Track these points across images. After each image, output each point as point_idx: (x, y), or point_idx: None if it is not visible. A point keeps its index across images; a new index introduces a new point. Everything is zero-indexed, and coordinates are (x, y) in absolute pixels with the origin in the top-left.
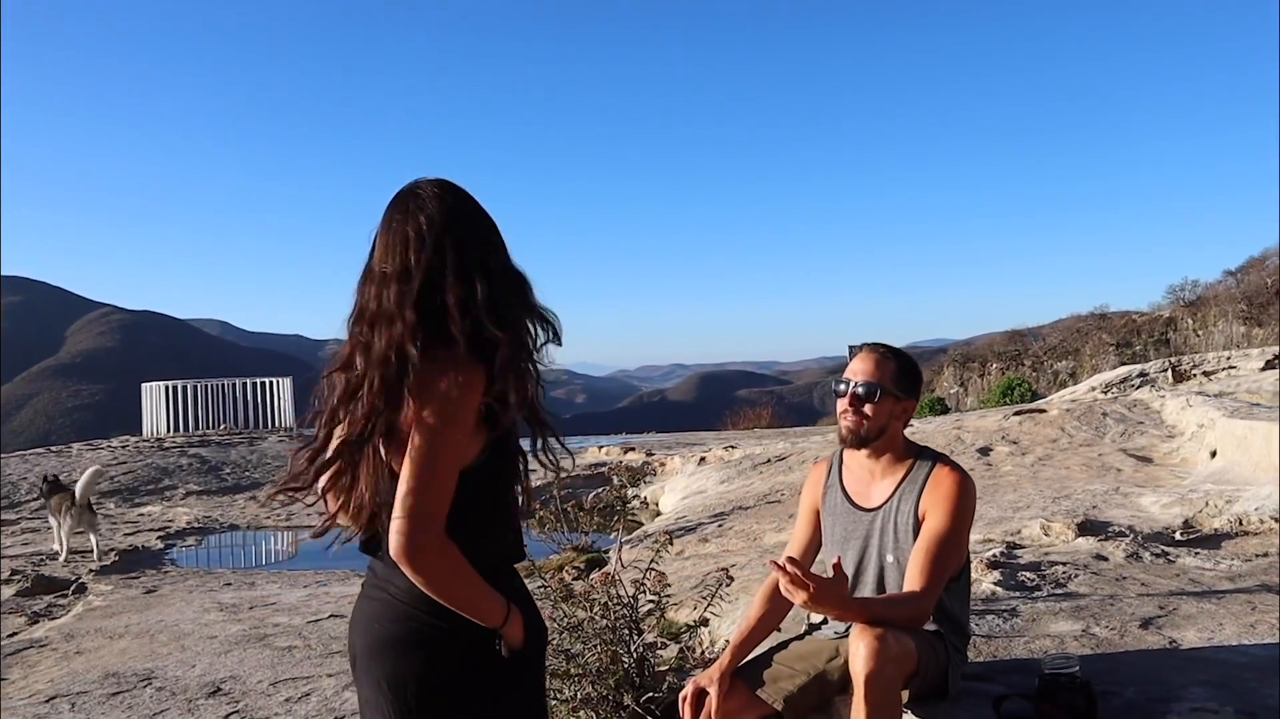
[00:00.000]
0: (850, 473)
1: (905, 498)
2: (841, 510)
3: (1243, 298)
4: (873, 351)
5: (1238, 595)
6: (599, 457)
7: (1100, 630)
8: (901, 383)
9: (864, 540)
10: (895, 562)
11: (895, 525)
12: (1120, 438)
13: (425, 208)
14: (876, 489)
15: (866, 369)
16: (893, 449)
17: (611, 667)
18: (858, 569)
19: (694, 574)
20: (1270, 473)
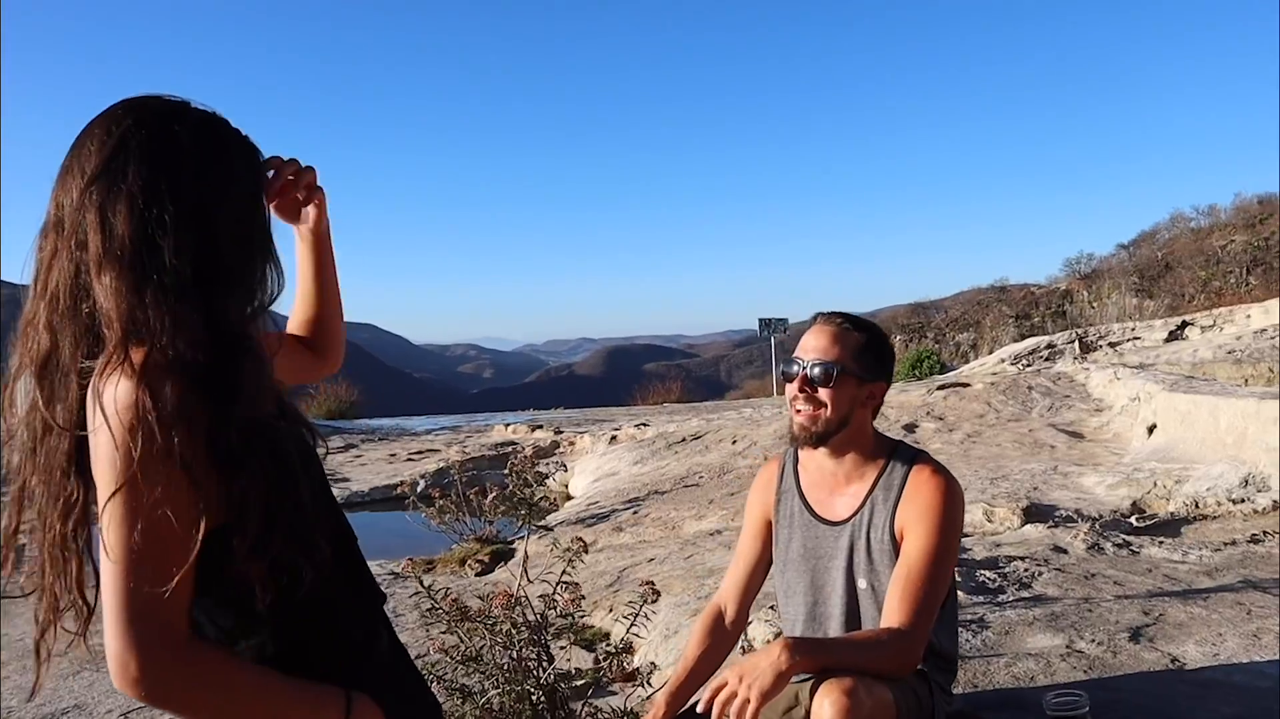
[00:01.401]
0: (808, 475)
1: (878, 509)
2: (800, 523)
3: (1135, 271)
4: (829, 323)
5: (1224, 596)
6: (506, 435)
7: (1087, 646)
8: (867, 361)
9: (828, 560)
10: (869, 588)
11: (868, 543)
12: (1048, 412)
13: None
14: (842, 497)
15: (822, 345)
16: (859, 446)
17: (516, 706)
18: (819, 598)
19: (609, 569)
20: (1218, 450)
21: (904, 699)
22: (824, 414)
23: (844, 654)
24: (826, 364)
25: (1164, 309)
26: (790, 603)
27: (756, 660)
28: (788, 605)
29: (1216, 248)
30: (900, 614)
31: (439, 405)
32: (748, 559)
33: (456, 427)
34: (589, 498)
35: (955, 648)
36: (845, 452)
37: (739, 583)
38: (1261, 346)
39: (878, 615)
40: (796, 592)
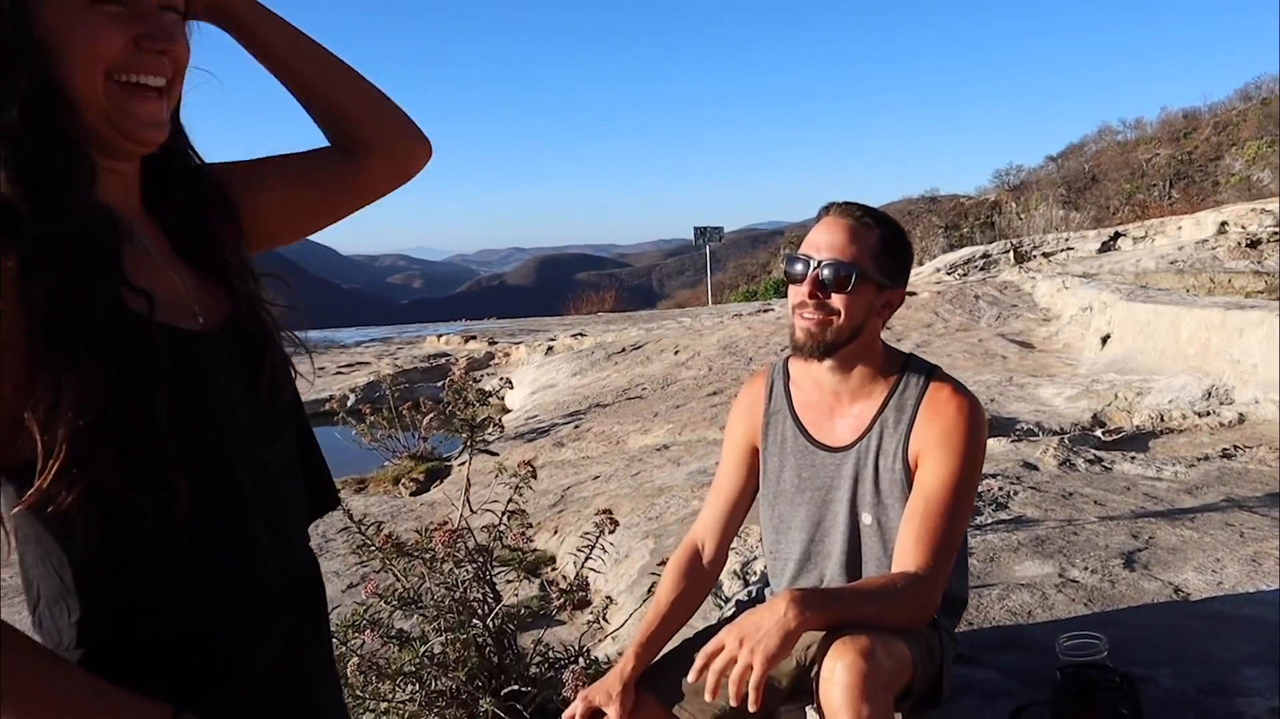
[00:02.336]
0: (803, 393)
1: (889, 431)
2: (794, 449)
3: (1063, 183)
4: (845, 215)
5: (1211, 516)
6: (438, 347)
7: (1080, 574)
8: (886, 263)
9: (827, 493)
10: (875, 524)
11: (876, 472)
12: (996, 321)
13: None
14: (845, 419)
15: (838, 242)
16: (867, 360)
17: (463, 653)
18: (816, 533)
19: (552, 488)
20: (1179, 361)
21: (920, 653)
22: (836, 322)
23: (859, 607)
24: (843, 265)
25: (1090, 221)
26: (781, 542)
27: (759, 619)
28: (778, 544)
29: (1142, 161)
30: (917, 556)
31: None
32: (729, 491)
33: (387, 338)
34: (527, 411)
35: (966, 588)
36: (852, 366)
37: (719, 517)
38: (1203, 257)
39: (883, 555)
40: (789, 528)
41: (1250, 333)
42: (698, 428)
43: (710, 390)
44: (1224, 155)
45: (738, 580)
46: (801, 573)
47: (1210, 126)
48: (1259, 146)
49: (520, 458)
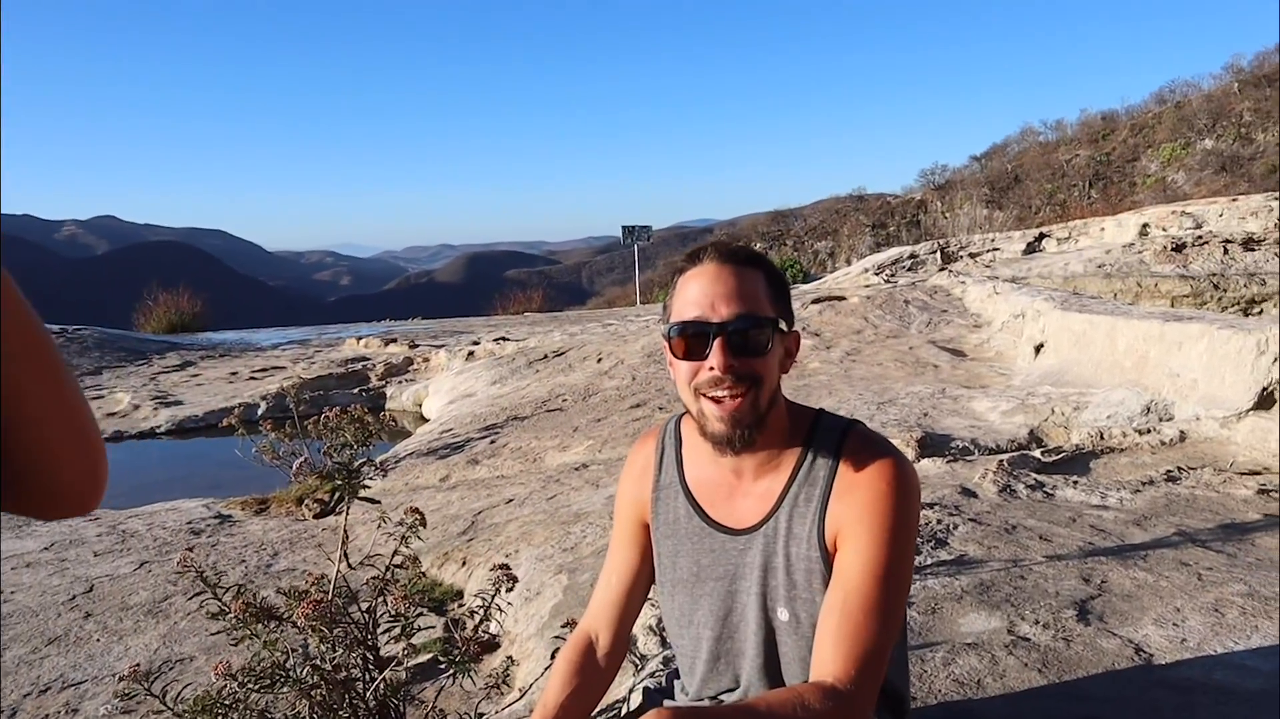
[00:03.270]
0: (697, 465)
1: (800, 509)
2: (688, 531)
3: (986, 182)
4: (729, 259)
5: (1164, 554)
6: (357, 350)
7: (1032, 629)
8: (783, 305)
9: (732, 583)
10: (793, 618)
11: (788, 558)
12: (926, 328)
13: None
14: (747, 497)
15: (733, 290)
16: (774, 425)
17: None
18: (724, 630)
19: (462, 512)
20: (1116, 374)
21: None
22: (758, 394)
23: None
24: (756, 319)
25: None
26: (685, 637)
27: None
28: (682, 639)
29: (1062, 161)
30: (836, 664)
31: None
32: (622, 573)
33: (305, 340)
34: (443, 424)
35: (907, 681)
36: (754, 442)
37: (612, 604)
38: (1130, 261)
39: (807, 654)
40: (692, 623)
41: (1190, 346)
42: (618, 444)
43: (633, 403)
44: (1140, 157)
45: (653, 636)
46: (712, 673)
47: (1127, 129)
48: (1173, 149)
49: (433, 476)
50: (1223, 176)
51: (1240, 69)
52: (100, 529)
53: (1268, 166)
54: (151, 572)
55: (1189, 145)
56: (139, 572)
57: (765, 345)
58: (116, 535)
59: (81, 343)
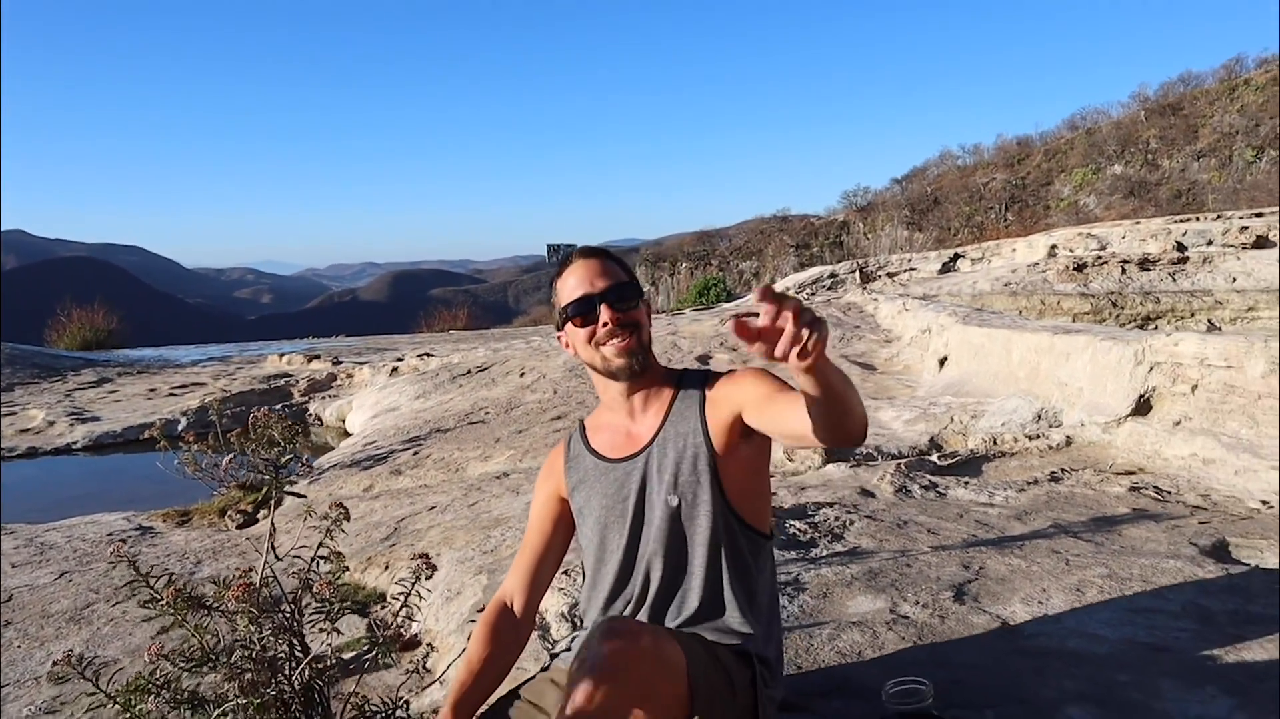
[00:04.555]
0: (600, 432)
1: (683, 415)
2: (595, 475)
3: (907, 204)
4: (590, 255)
5: (1038, 543)
6: (280, 366)
7: (911, 609)
8: (635, 278)
9: (631, 495)
10: (681, 502)
11: (678, 453)
12: (839, 343)
13: None
14: (638, 428)
15: (603, 273)
16: (653, 371)
17: (260, 713)
18: (635, 540)
19: (385, 520)
20: (1010, 384)
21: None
22: (640, 334)
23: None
24: (625, 285)
25: (932, 241)
26: (605, 565)
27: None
28: (601, 569)
29: (980, 185)
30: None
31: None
32: (535, 546)
33: (226, 357)
34: (366, 436)
35: (780, 649)
36: (643, 380)
37: (527, 572)
38: (1034, 280)
39: (698, 533)
40: (610, 548)
41: (1076, 357)
42: (539, 454)
43: (554, 415)
44: (1054, 181)
45: (565, 623)
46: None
47: (1041, 154)
48: (1085, 174)
49: (356, 486)
50: (1131, 201)
51: (1147, 98)
52: (17, 542)
53: (1172, 191)
54: (72, 581)
55: (1099, 170)
56: (59, 581)
57: (635, 301)
58: (34, 548)
59: None
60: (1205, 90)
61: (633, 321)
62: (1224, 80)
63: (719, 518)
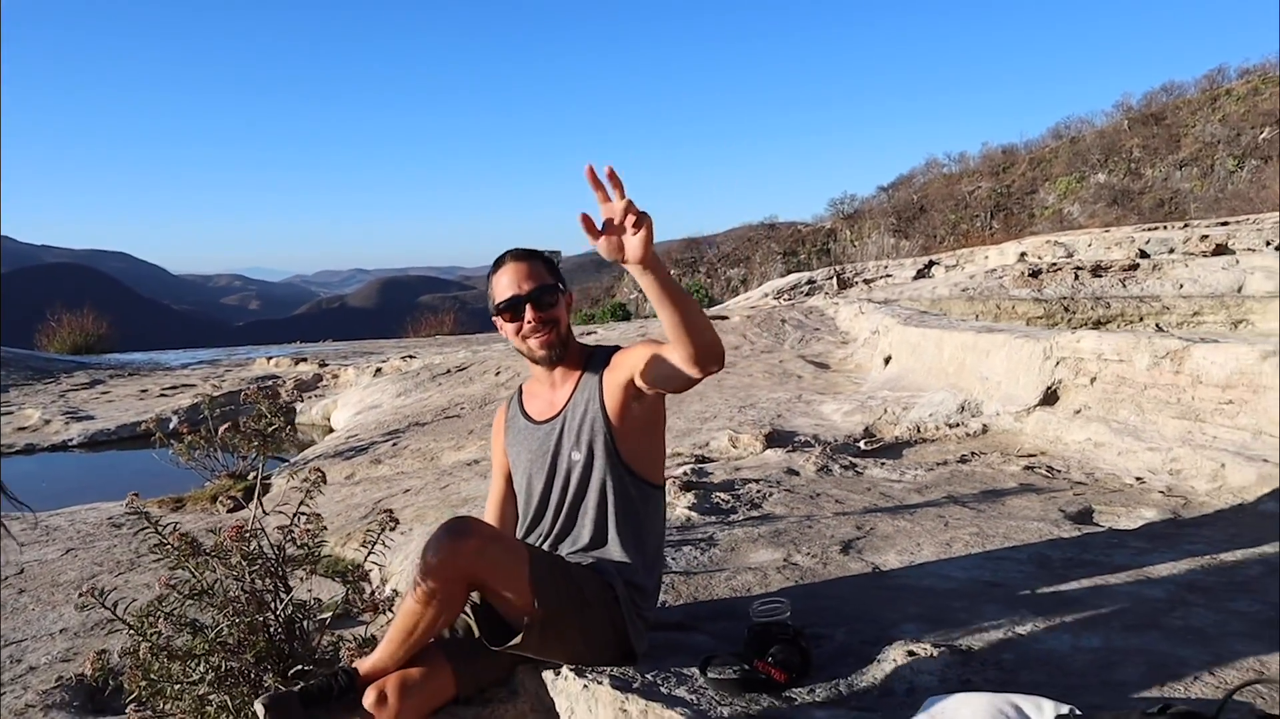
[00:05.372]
0: (532, 399)
1: (586, 387)
2: (525, 435)
3: (893, 212)
4: (519, 258)
5: (928, 510)
6: (268, 368)
7: (802, 559)
8: (558, 274)
9: (548, 452)
10: (582, 457)
11: (581, 418)
12: (799, 344)
13: None
14: (557, 397)
15: (527, 274)
16: (571, 350)
17: (250, 638)
18: (547, 487)
19: (364, 502)
20: (941, 379)
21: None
22: (559, 329)
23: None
24: (546, 287)
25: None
26: (529, 507)
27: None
28: (527, 509)
29: (965, 193)
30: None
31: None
32: (497, 493)
33: (215, 360)
34: (349, 431)
35: (656, 582)
36: (564, 358)
37: (494, 511)
38: (990, 285)
39: (593, 482)
40: (534, 494)
41: (995, 353)
42: None
43: None
44: (1039, 189)
45: None
46: (553, 523)
47: (1026, 162)
48: (1069, 182)
49: (339, 474)
50: (1115, 209)
51: (1130, 107)
52: (23, 526)
53: (1155, 200)
54: (78, 556)
55: (1083, 179)
56: (66, 557)
57: (555, 300)
58: (40, 530)
59: None
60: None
61: (553, 319)
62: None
63: (611, 470)
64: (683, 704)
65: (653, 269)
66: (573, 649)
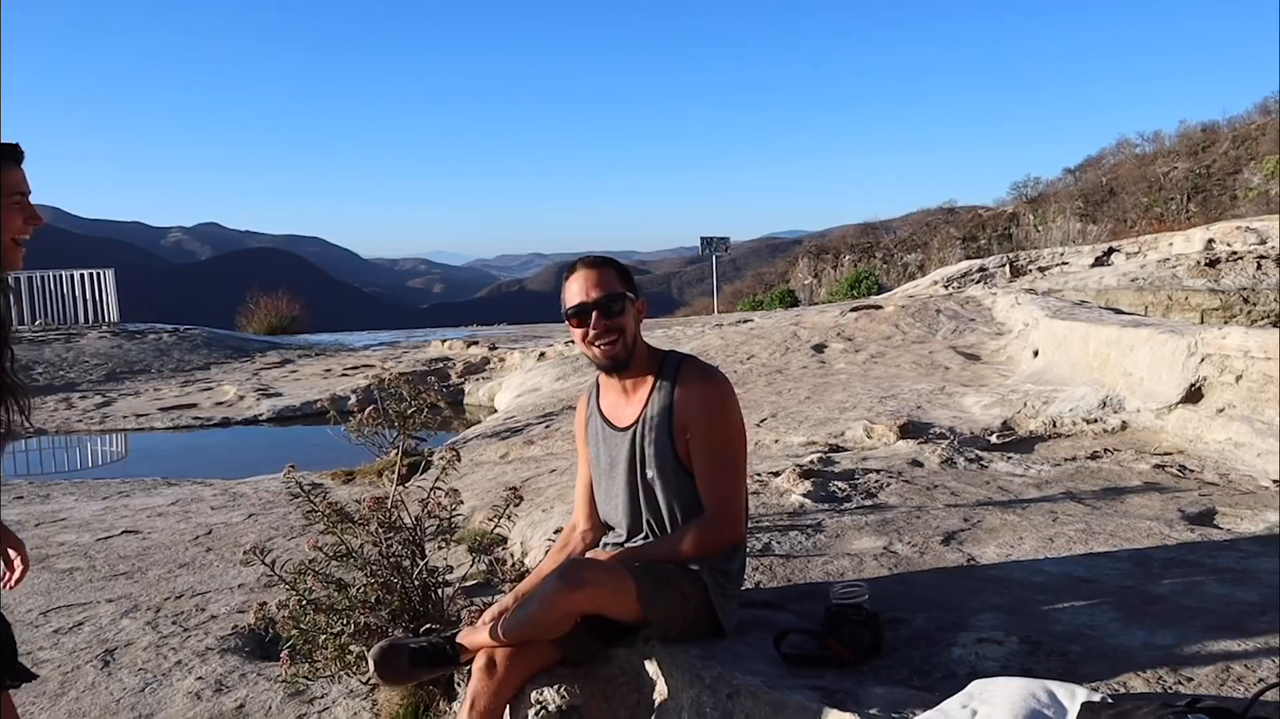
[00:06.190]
0: (607, 396)
1: (656, 406)
2: (602, 437)
3: (1080, 195)
4: (590, 265)
5: (1042, 504)
6: (442, 351)
7: (902, 547)
8: (630, 284)
9: (628, 462)
10: (656, 475)
11: (652, 437)
12: (952, 335)
13: None
14: (630, 406)
15: (596, 282)
16: (641, 359)
17: (386, 597)
18: (631, 493)
19: (513, 479)
20: (1085, 374)
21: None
22: (624, 338)
23: (664, 550)
24: (613, 296)
25: (1106, 234)
26: (608, 506)
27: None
28: (606, 508)
29: (1159, 174)
30: (707, 504)
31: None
32: (583, 481)
33: (395, 342)
34: (508, 413)
35: (739, 564)
36: (629, 369)
37: (582, 501)
38: (1163, 275)
39: (669, 498)
40: (612, 495)
41: (1139, 348)
42: None
43: None
44: (1242, 169)
45: None
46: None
47: (1229, 140)
48: (1277, 162)
49: (494, 454)
50: None
51: None
52: (215, 491)
53: None
54: (258, 521)
55: None
56: (248, 521)
57: (621, 310)
58: (228, 496)
59: (192, 341)
60: None
61: (618, 327)
62: None
63: (684, 489)
64: (753, 674)
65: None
66: (674, 634)
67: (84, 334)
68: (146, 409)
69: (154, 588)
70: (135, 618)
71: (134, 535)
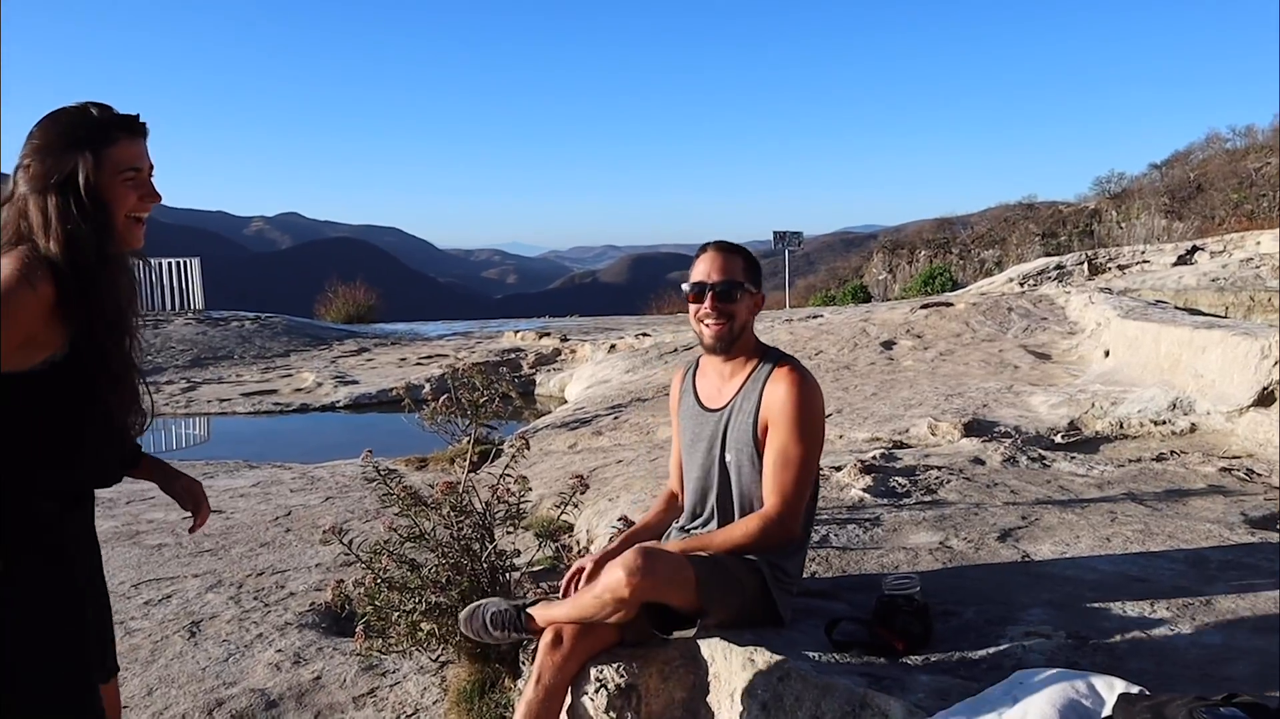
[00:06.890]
0: (704, 377)
1: (747, 396)
2: (691, 413)
3: (1166, 191)
4: (719, 249)
5: (1102, 504)
6: (514, 341)
7: (957, 543)
8: (753, 276)
9: (709, 441)
10: (734, 460)
11: (737, 423)
12: (1023, 333)
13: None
14: (725, 389)
15: (720, 267)
16: (745, 349)
17: (456, 578)
18: (705, 472)
19: (581, 469)
20: (1155, 375)
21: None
22: (733, 324)
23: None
24: (731, 283)
25: (1192, 231)
26: (691, 478)
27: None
28: (688, 482)
29: (1251, 170)
30: (769, 499)
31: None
32: (677, 449)
33: (468, 332)
34: (578, 404)
35: (799, 562)
36: (737, 353)
37: (676, 467)
38: (1245, 275)
39: (741, 487)
40: (694, 468)
41: (1211, 350)
42: None
43: None
44: None
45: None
46: (702, 498)
47: None
48: None
49: (563, 444)
50: None
51: None
52: (294, 474)
53: None
54: (335, 504)
55: None
56: (325, 504)
57: (736, 297)
58: (307, 479)
59: (273, 329)
60: None
61: (729, 313)
62: None
63: (756, 482)
64: (803, 659)
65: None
66: (730, 623)
67: (171, 320)
68: (229, 394)
69: (237, 565)
70: (219, 592)
71: (218, 515)
